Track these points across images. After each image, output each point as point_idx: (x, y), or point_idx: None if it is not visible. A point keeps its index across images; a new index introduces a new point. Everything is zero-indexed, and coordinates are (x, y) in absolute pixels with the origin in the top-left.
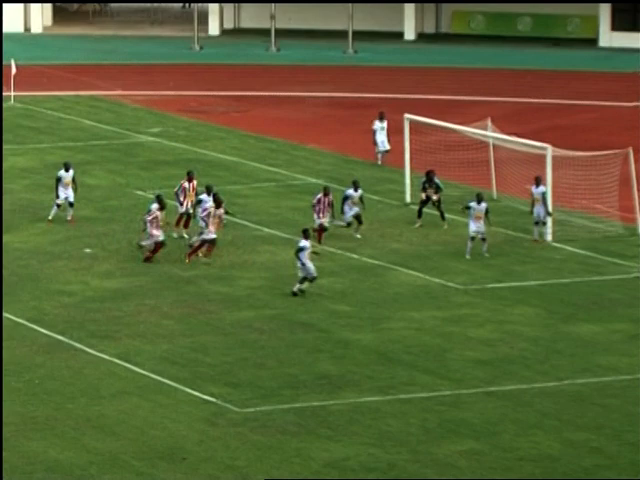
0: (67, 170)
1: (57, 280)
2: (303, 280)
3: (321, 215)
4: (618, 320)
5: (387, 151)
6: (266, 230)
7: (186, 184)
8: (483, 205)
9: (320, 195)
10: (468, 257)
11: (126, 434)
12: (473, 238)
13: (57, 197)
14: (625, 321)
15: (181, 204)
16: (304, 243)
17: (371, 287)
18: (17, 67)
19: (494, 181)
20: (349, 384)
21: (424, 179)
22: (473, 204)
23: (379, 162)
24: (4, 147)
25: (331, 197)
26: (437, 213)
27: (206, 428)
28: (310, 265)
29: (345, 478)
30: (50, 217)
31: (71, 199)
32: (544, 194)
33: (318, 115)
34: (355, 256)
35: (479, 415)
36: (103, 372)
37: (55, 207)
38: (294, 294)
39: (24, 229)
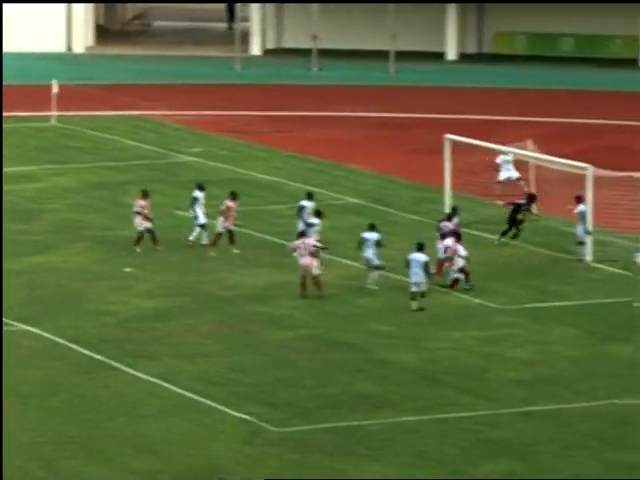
0: (201, 190)
1: (98, 300)
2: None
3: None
4: None
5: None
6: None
7: (230, 203)
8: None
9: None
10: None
11: (165, 453)
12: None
13: (196, 218)
14: None
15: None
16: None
17: (411, 307)
18: (59, 87)
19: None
20: (388, 404)
21: (524, 201)
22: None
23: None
24: (46, 167)
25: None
26: (495, 235)
27: (244, 447)
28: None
29: None
30: (191, 238)
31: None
32: (583, 213)
33: (359, 135)
34: (395, 276)
35: (518, 435)
36: (142, 392)
37: (198, 228)
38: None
39: (65, 249)
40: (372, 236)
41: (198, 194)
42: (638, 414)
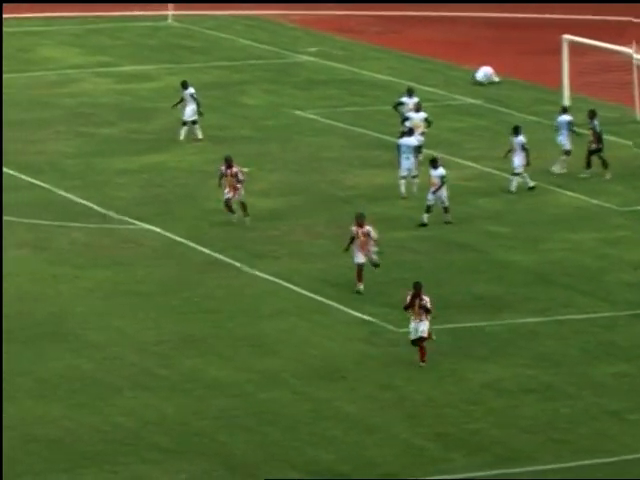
0: (411, 96)
1: (214, 199)
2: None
3: None
4: None
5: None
6: (424, 151)
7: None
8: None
9: None
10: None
11: (285, 353)
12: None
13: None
14: None
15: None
16: None
17: (528, 208)
18: None
19: (638, 102)
20: (506, 305)
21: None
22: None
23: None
24: (161, 66)
25: None
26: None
27: (364, 348)
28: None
29: (501, 399)
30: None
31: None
32: None
33: (474, 35)
34: (512, 177)
35: (633, 338)
36: (262, 291)
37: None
38: None
39: (180, 148)
40: (410, 142)
41: (406, 99)
42: None
